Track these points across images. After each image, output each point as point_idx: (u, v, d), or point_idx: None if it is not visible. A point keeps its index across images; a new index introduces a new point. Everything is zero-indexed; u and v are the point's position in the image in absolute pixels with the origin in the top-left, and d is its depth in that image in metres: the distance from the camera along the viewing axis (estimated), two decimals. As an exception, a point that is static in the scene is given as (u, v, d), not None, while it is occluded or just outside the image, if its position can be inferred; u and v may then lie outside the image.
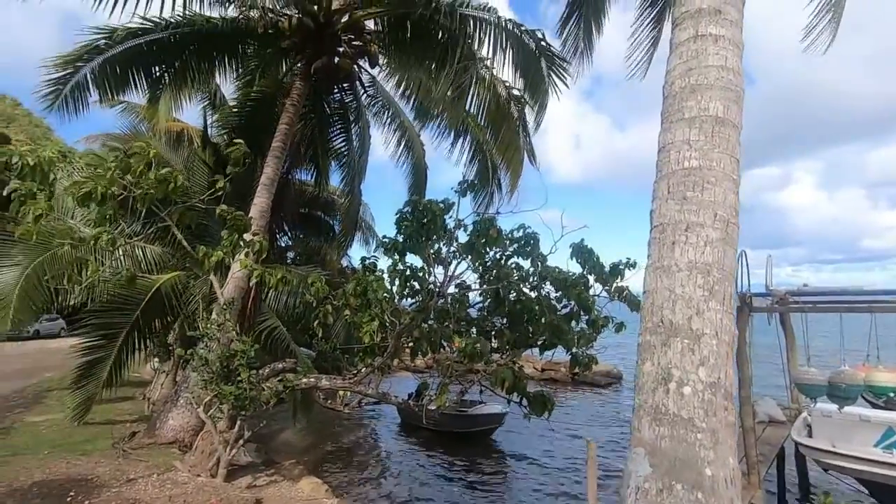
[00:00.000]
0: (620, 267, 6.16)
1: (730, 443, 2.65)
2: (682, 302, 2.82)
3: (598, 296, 6.33)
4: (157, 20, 8.79)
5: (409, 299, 6.66)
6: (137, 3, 7.98)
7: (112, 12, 7.62)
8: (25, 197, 6.42)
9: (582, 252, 6.19)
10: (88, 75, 9.43)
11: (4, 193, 6.54)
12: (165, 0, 7.09)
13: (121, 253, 9.25)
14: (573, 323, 6.34)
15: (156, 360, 12.24)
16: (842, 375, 7.16)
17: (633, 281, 6.23)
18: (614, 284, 6.22)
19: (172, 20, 8.95)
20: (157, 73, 9.95)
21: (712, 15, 3.19)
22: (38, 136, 27.63)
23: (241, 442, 6.96)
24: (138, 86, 9.97)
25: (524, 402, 5.99)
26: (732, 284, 2.91)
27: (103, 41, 9.04)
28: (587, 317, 6.30)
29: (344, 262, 15.67)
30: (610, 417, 15.86)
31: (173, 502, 5.92)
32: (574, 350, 6.11)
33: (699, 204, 2.94)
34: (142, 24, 8.74)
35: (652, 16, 7.66)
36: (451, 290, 6.67)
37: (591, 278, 6.33)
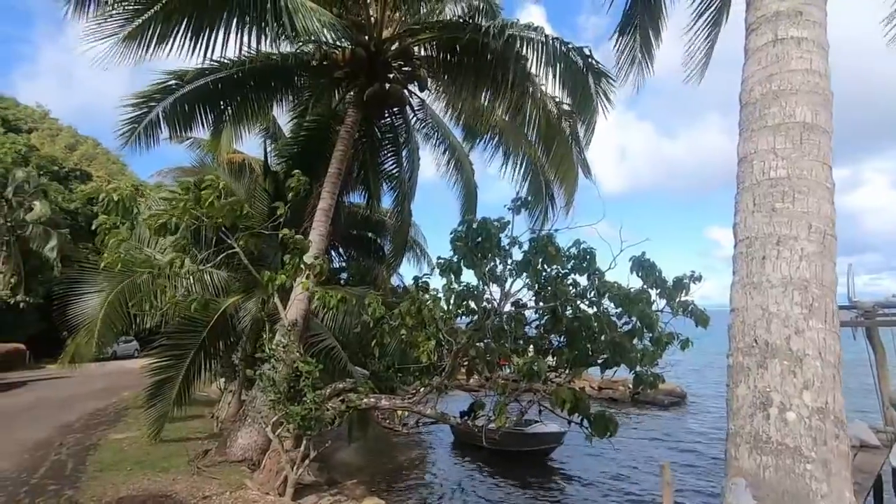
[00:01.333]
0: (685, 280, 5.87)
1: (844, 474, 2.42)
2: (777, 321, 2.64)
3: (661, 311, 6.06)
4: (223, 60, 9.42)
5: (464, 318, 6.64)
6: (200, 48, 8.59)
7: (189, 58, 8.25)
8: (109, 229, 7.03)
9: (643, 266, 5.95)
10: (160, 114, 10.20)
11: (93, 228, 7.16)
12: (243, 40, 7.56)
13: (192, 279, 9.80)
14: (635, 340, 6.09)
15: (222, 379, 12.81)
16: (949, 396, 6.46)
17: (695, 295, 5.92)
18: (678, 299, 5.94)
19: (236, 59, 9.56)
20: (221, 108, 10.62)
21: (792, 17, 3.03)
22: (115, 172, 30.13)
23: (306, 461, 7.10)
24: (204, 121, 10.68)
25: (585, 422, 5.77)
26: (834, 301, 2.70)
27: (174, 82, 9.79)
28: (651, 334, 6.02)
29: (395, 282, 15.91)
30: (676, 438, 15.03)
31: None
32: (637, 369, 5.86)
33: (790, 216, 2.77)
34: (209, 64, 9.39)
35: (708, 19, 7.45)
36: (508, 308, 6.60)
37: (654, 293, 6.07)
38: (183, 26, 7.41)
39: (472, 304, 6.42)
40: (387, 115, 11.18)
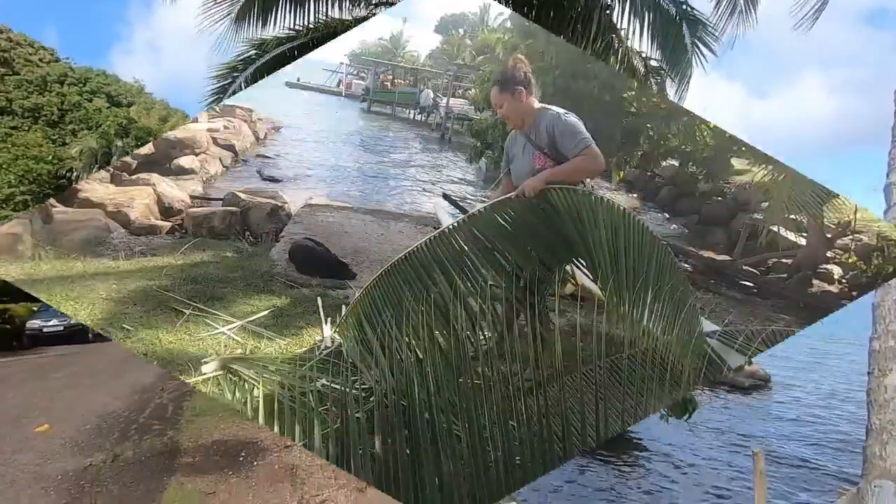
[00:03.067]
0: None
1: None
2: (945, 299, 2.20)
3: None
4: (299, 28, 9.51)
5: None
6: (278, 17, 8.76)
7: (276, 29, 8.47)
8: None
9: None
10: (242, 84, 10.53)
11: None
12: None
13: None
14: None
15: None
16: None
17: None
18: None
19: (311, 26, 9.61)
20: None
21: None
22: (201, 143, 32.19)
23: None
24: (282, 91, 10.94)
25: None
26: None
27: (254, 52, 10.04)
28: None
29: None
30: (761, 425, 13.99)
31: (324, 469, 6.46)
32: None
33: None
34: (287, 32, 9.51)
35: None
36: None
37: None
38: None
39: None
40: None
